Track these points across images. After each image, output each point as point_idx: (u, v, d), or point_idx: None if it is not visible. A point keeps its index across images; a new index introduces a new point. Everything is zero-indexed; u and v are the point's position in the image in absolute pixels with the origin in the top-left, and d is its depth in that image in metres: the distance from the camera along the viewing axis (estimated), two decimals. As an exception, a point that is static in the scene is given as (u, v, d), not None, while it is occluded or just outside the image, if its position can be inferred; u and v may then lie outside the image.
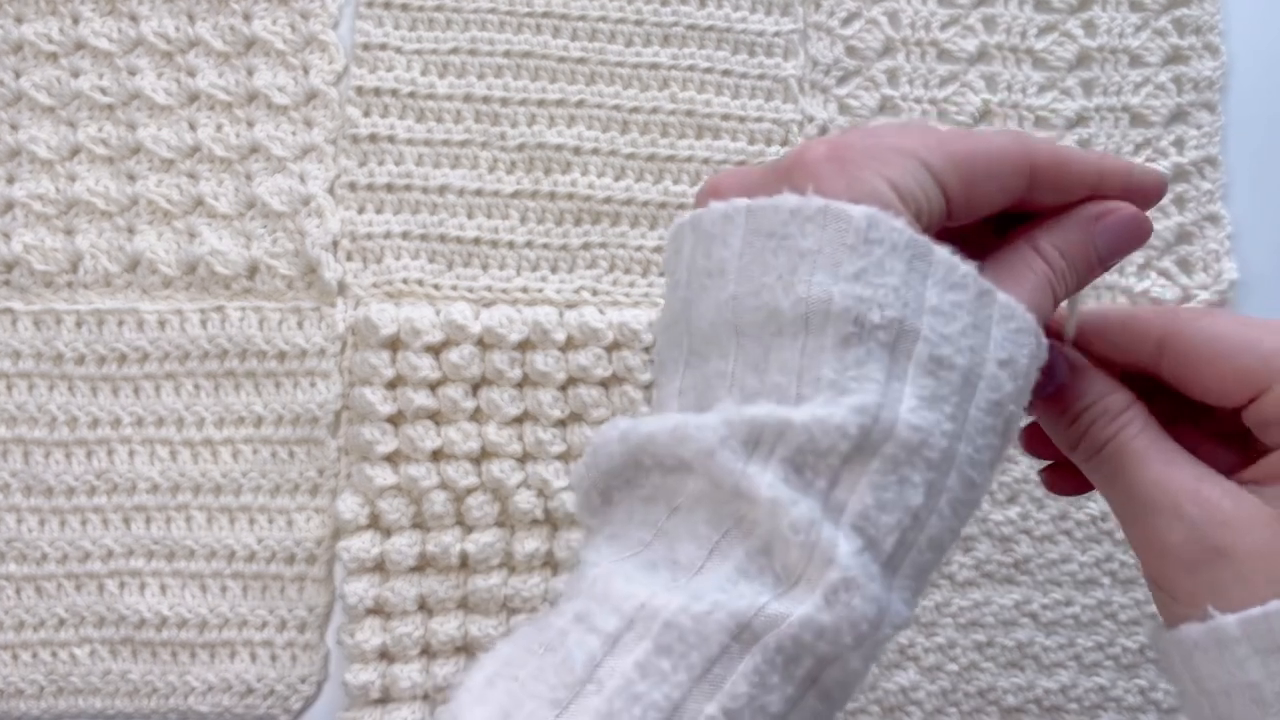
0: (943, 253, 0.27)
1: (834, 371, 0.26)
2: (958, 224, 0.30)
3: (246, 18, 0.54)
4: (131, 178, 0.53)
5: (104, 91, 0.53)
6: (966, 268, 0.27)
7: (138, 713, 0.51)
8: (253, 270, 0.53)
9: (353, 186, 0.54)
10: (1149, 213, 0.32)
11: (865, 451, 0.26)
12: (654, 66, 0.54)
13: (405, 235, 0.54)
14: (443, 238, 0.54)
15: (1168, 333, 0.31)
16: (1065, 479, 0.35)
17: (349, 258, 0.53)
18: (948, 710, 0.53)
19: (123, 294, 0.53)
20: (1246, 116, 0.56)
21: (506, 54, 0.54)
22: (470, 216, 0.54)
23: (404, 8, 0.54)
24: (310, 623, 0.52)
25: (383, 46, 0.54)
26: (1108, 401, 0.31)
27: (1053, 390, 0.32)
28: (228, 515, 0.52)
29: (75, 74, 0.54)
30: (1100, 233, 0.31)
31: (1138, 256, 0.55)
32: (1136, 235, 0.32)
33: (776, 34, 0.55)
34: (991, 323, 0.28)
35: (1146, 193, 0.32)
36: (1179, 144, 0.55)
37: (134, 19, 0.54)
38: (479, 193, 0.54)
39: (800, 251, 0.27)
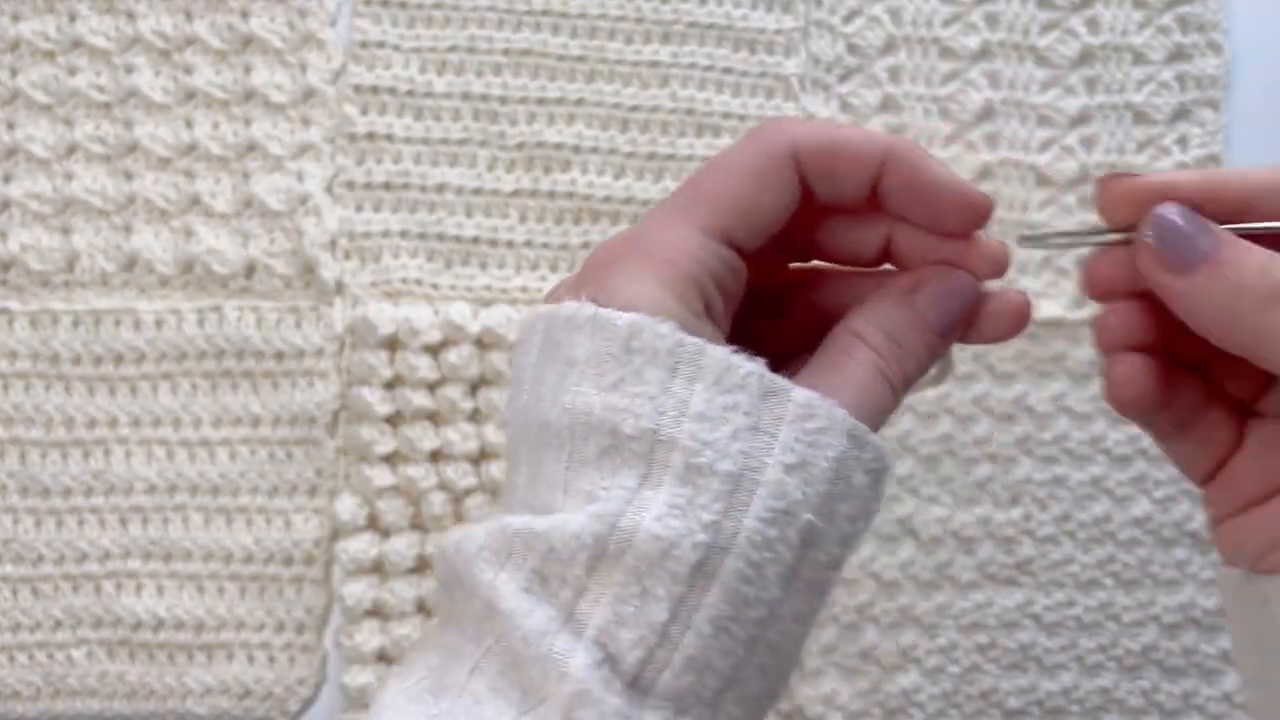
0: (718, 354, 0.26)
1: (590, 483, 0.26)
2: (755, 246, 0.28)
3: (244, 15, 0.54)
4: (128, 176, 0.53)
5: (101, 89, 0.53)
6: (750, 367, 0.26)
7: (135, 714, 0.51)
8: (250, 269, 0.53)
9: (350, 185, 0.53)
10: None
11: (608, 561, 0.25)
12: (654, 64, 0.54)
13: (403, 234, 0.53)
14: (441, 237, 0.53)
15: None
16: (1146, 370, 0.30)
17: (347, 257, 0.53)
18: (949, 712, 0.52)
19: (119, 293, 0.53)
20: (1250, 114, 0.55)
21: (505, 52, 0.54)
22: (469, 215, 0.54)
23: (402, 5, 0.54)
24: (308, 624, 0.51)
25: (381, 44, 0.54)
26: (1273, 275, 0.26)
27: (1199, 258, 0.27)
28: (225, 516, 0.52)
29: (72, 72, 0.53)
30: (925, 305, 0.29)
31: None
32: (967, 299, 0.29)
33: (778, 31, 0.55)
34: (781, 424, 0.26)
35: (949, 204, 0.28)
36: (1182, 142, 0.55)
37: (131, 17, 0.54)
38: (478, 191, 0.54)
39: (570, 360, 0.26)
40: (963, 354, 0.53)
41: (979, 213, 0.28)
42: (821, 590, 0.27)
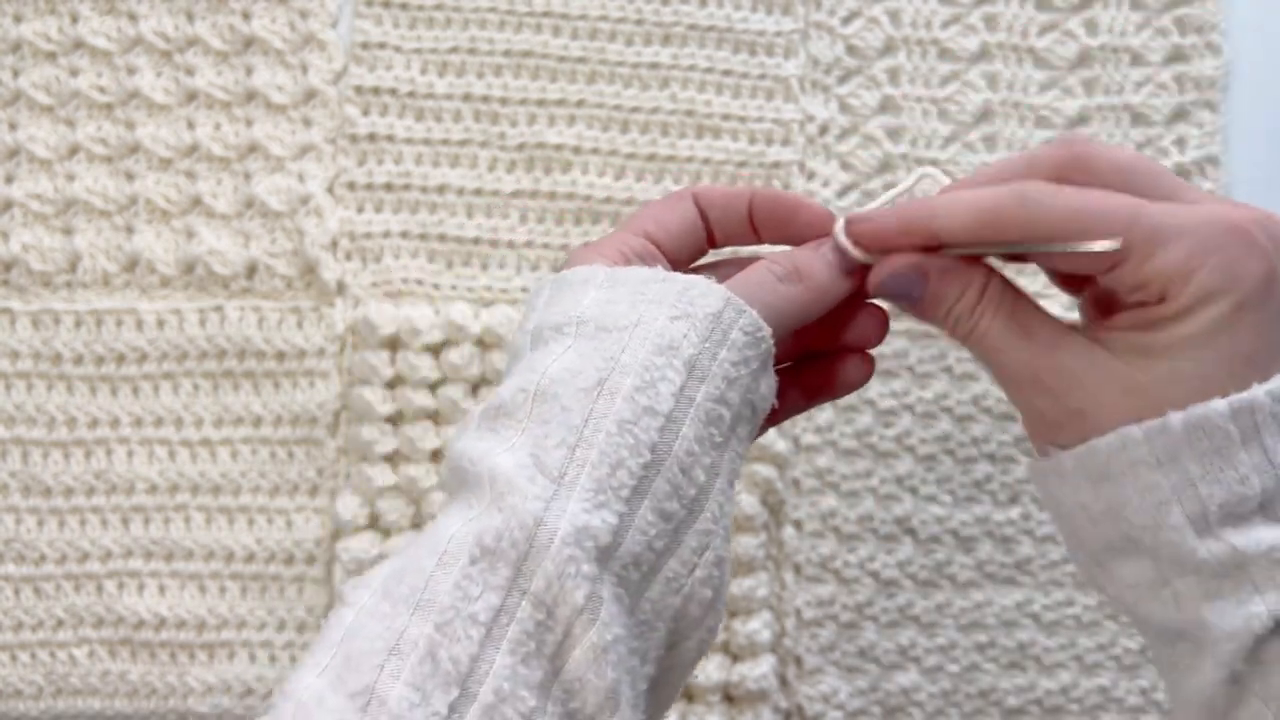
0: (628, 271, 0.34)
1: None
2: (673, 246, 0.37)
3: (245, 16, 0.54)
4: (130, 177, 0.53)
5: (102, 90, 0.53)
6: (645, 271, 0.34)
7: (136, 713, 0.51)
8: (251, 270, 0.53)
9: (351, 186, 0.54)
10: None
11: (540, 400, 0.32)
12: (654, 66, 0.54)
13: (404, 235, 0.53)
14: (442, 237, 0.54)
15: (1024, 234, 0.33)
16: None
17: (348, 257, 0.53)
18: (949, 711, 0.53)
19: (121, 294, 0.53)
20: (1248, 115, 0.56)
21: (506, 53, 0.54)
22: (470, 216, 0.54)
23: (403, 6, 0.54)
24: (309, 624, 0.52)
25: (381, 45, 0.54)
26: (959, 307, 0.35)
27: (916, 300, 0.36)
28: (226, 516, 0.52)
29: (74, 73, 0.54)
30: (825, 250, 0.36)
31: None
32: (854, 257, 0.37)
33: (777, 33, 0.55)
34: (667, 291, 0.33)
35: (803, 215, 0.37)
36: (1180, 143, 0.55)
37: (132, 18, 0.54)
38: (478, 192, 0.54)
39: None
40: (963, 353, 0.53)
41: (822, 218, 0.37)
42: (718, 424, 0.33)
